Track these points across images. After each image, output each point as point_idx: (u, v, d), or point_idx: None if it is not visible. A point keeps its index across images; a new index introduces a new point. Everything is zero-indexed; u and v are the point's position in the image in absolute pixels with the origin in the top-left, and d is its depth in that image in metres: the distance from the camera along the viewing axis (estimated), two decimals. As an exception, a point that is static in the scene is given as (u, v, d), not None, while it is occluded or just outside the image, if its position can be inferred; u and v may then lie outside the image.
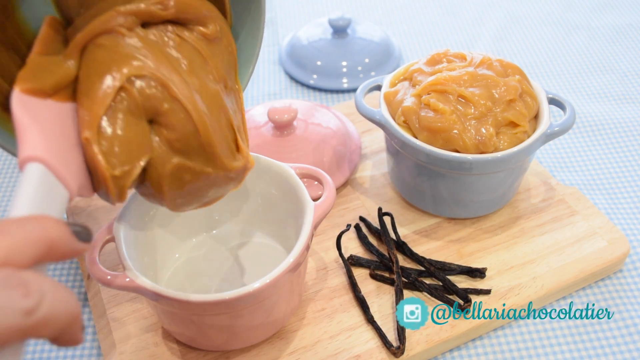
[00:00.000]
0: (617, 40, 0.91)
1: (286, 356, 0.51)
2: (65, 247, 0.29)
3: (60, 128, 0.37)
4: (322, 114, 0.69)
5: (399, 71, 0.63)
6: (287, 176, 0.53)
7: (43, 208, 0.32)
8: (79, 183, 0.37)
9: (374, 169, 0.68)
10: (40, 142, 0.34)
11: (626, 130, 0.75)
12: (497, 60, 0.60)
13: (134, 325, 0.53)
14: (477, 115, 0.55)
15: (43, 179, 0.33)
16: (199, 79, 0.44)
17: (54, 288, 0.27)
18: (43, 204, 0.32)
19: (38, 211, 0.31)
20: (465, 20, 0.96)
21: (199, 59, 0.44)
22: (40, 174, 0.33)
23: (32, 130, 0.34)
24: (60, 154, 0.35)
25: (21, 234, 0.27)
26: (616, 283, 0.58)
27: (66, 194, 0.35)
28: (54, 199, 0.33)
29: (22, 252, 0.27)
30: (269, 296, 0.46)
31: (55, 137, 0.36)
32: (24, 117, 0.35)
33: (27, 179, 0.32)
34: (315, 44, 0.86)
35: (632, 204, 0.66)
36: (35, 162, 0.33)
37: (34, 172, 0.33)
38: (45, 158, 0.33)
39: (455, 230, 0.61)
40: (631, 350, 0.53)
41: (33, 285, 0.26)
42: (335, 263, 0.58)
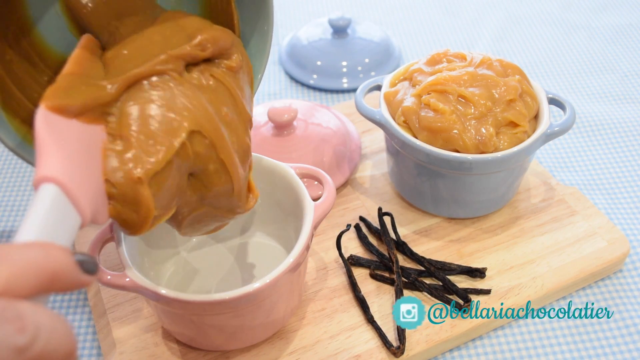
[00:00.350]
0: (617, 40, 0.91)
1: (286, 356, 0.51)
2: (68, 279, 0.28)
3: (81, 150, 0.36)
4: (322, 114, 0.69)
5: (399, 71, 0.63)
6: (287, 176, 0.53)
7: (52, 234, 0.30)
8: (93, 209, 0.35)
9: (374, 169, 0.68)
10: (59, 163, 0.33)
11: (626, 130, 0.75)
12: (497, 60, 0.60)
13: (134, 325, 0.53)
14: (477, 115, 0.55)
15: (56, 202, 0.32)
16: (237, 134, 0.46)
17: (51, 322, 0.26)
18: (52, 229, 0.30)
19: (46, 237, 0.30)
20: (465, 20, 0.96)
21: (231, 100, 0.46)
22: (54, 197, 0.32)
23: (52, 150, 0.33)
24: (78, 177, 0.34)
25: (23, 262, 0.26)
26: (616, 283, 0.58)
27: (78, 220, 0.33)
28: (65, 225, 0.32)
29: (23, 282, 0.26)
30: (269, 296, 0.46)
31: (75, 159, 0.35)
32: (45, 134, 0.34)
33: (40, 201, 0.31)
34: (315, 44, 0.86)
35: (632, 204, 0.66)
36: (50, 183, 0.32)
37: (47, 194, 0.32)
38: (61, 180, 0.32)
39: (455, 230, 0.61)
40: (631, 350, 0.53)
41: (29, 318, 0.25)
42: (335, 263, 0.58)
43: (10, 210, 0.67)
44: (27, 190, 0.70)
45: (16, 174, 0.72)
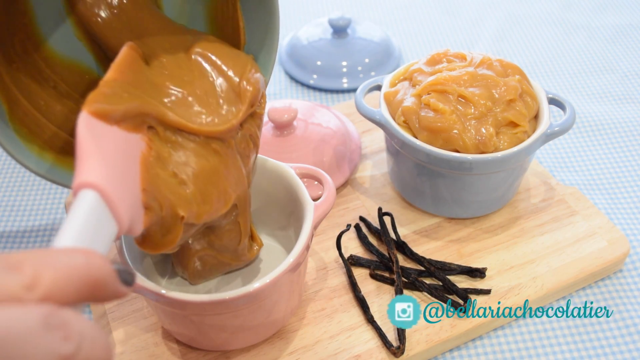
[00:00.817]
0: (617, 40, 0.91)
1: (286, 356, 0.51)
2: (108, 290, 0.27)
3: (121, 158, 0.36)
4: (322, 114, 0.69)
5: (399, 71, 0.63)
6: (287, 176, 0.53)
7: (90, 241, 0.30)
8: (130, 219, 0.35)
9: (374, 169, 0.68)
10: (100, 169, 0.32)
11: (626, 130, 0.75)
12: (497, 60, 0.60)
13: (134, 325, 0.53)
14: (477, 115, 0.55)
15: (95, 209, 0.31)
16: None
17: (92, 332, 0.25)
18: (91, 236, 0.30)
19: (85, 243, 0.29)
20: (465, 20, 0.96)
21: (253, 157, 0.49)
22: (94, 203, 0.31)
23: (93, 155, 0.33)
24: (118, 185, 0.33)
25: (67, 269, 0.25)
26: (616, 283, 0.58)
27: (115, 229, 0.33)
28: (103, 233, 0.31)
29: (66, 289, 0.25)
30: (269, 296, 0.46)
31: (114, 166, 0.34)
32: (87, 139, 0.33)
33: (79, 206, 0.30)
34: (315, 44, 0.86)
35: (632, 204, 0.66)
36: (90, 189, 0.31)
37: (87, 200, 0.31)
38: (101, 186, 0.32)
39: (455, 230, 0.61)
40: (631, 350, 0.53)
41: (74, 327, 0.24)
42: (335, 263, 0.58)
43: (10, 210, 0.67)
44: (27, 190, 0.70)
45: (16, 174, 0.72)
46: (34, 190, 0.69)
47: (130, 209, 0.35)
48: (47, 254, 0.25)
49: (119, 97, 0.38)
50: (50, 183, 0.70)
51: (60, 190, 0.69)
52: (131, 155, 0.38)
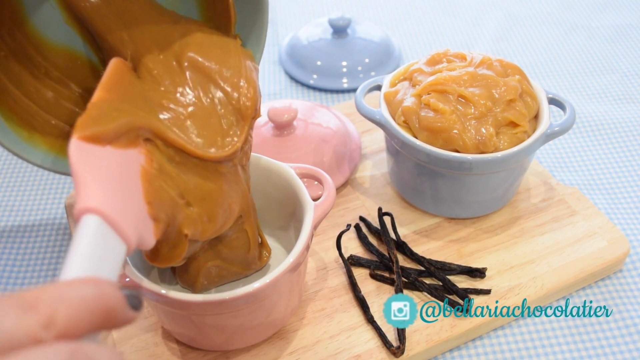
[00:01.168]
0: (617, 40, 0.91)
1: (286, 356, 0.51)
2: (119, 317, 0.27)
3: (119, 176, 0.36)
4: (322, 114, 0.69)
5: (399, 71, 0.63)
6: (287, 176, 0.53)
7: (99, 266, 0.30)
8: (138, 234, 0.35)
9: (374, 169, 0.68)
10: (98, 193, 0.32)
11: (626, 130, 0.75)
12: (497, 60, 0.60)
13: (134, 325, 0.53)
14: (477, 115, 0.55)
15: (99, 233, 0.31)
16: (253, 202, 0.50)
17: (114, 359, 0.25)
18: (99, 261, 0.30)
19: (94, 270, 0.29)
20: (465, 20, 0.96)
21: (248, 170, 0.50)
22: (97, 227, 0.31)
23: (89, 180, 0.33)
24: (119, 204, 0.34)
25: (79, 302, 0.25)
26: (616, 283, 0.58)
27: (124, 248, 0.33)
28: (111, 255, 0.32)
29: (80, 322, 0.25)
30: (269, 296, 0.46)
31: (114, 186, 0.34)
32: (80, 166, 0.33)
33: (83, 233, 0.31)
34: (315, 44, 0.86)
35: (632, 204, 0.66)
36: (91, 214, 0.31)
37: (90, 225, 0.31)
38: (102, 210, 0.32)
39: (455, 230, 0.61)
40: (631, 350, 0.53)
41: (98, 358, 0.24)
42: (335, 263, 0.58)
43: (10, 210, 0.67)
44: (27, 190, 0.70)
45: (16, 174, 0.72)
46: (34, 190, 0.69)
47: (136, 224, 0.35)
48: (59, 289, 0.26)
49: (107, 117, 0.37)
50: (49, 182, 0.70)
51: (61, 189, 0.69)
52: (130, 172, 0.37)
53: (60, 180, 0.71)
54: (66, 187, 0.70)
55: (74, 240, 0.30)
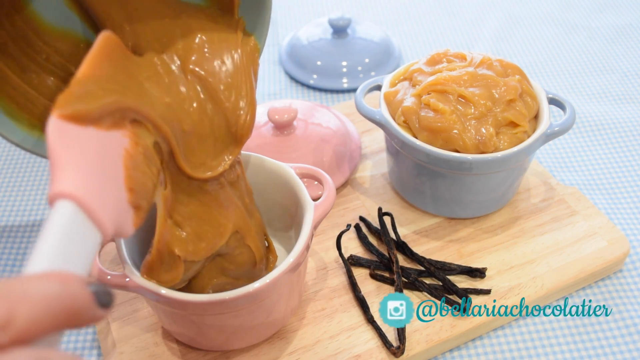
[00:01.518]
0: (617, 40, 0.91)
1: (286, 356, 0.51)
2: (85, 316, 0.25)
3: (100, 160, 0.33)
4: (322, 114, 0.69)
5: (399, 71, 0.63)
6: (287, 176, 0.53)
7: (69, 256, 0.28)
8: (116, 223, 0.33)
9: (374, 169, 0.68)
10: (74, 177, 0.30)
11: (626, 130, 0.75)
12: (497, 60, 0.60)
13: (134, 325, 0.53)
14: (477, 115, 0.55)
15: (72, 220, 0.29)
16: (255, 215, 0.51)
17: None
18: (70, 251, 0.28)
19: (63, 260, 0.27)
20: (465, 20, 0.96)
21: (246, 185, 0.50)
22: (71, 214, 0.29)
23: (66, 163, 0.30)
24: (97, 190, 0.31)
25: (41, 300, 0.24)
26: (616, 283, 0.58)
27: (99, 237, 0.31)
28: (84, 244, 0.30)
29: (41, 323, 0.24)
30: (269, 296, 0.46)
31: (93, 170, 0.32)
32: (57, 146, 0.31)
33: (54, 220, 0.28)
34: (315, 44, 0.86)
35: (632, 204, 0.66)
36: (65, 200, 0.29)
37: (63, 212, 0.29)
38: (77, 195, 0.29)
39: (455, 230, 0.61)
40: (631, 350, 0.53)
41: None
42: (335, 263, 0.58)
43: (10, 210, 0.67)
44: (27, 190, 0.70)
45: (16, 173, 0.72)
46: (34, 190, 0.69)
47: (114, 212, 0.33)
48: (19, 285, 0.24)
49: (92, 95, 0.34)
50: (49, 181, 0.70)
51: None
52: (112, 156, 0.35)
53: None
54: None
55: (44, 228, 0.28)
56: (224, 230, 0.46)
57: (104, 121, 0.34)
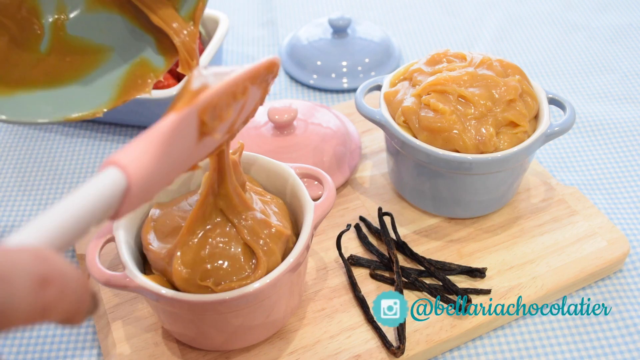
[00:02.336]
0: (617, 40, 0.91)
1: (286, 356, 0.51)
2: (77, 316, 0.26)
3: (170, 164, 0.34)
4: (322, 114, 0.69)
5: (399, 71, 0.63)
6: (287, 176, 0.53)
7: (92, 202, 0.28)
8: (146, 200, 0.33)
9: (374, 169, 0.68)
10: (144, 164, 0.30)
11: (626, 130, 0.75)
12: (497, 60, 0.60)
13: (134, 325, 0.53)
14: (477, 115, 0.55)
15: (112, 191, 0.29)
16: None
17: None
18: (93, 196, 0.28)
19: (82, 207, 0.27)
20: (465, 20, 0.96)
21: None
22: (114, 179, 0.29)
23: (144, 149, 0.31)
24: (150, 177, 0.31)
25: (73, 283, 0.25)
26: (616, 283, 0.58)
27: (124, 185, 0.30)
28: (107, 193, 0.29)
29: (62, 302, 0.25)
30: (269, 296, 0.46)
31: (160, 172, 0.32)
32: (162, 139, 0.31)
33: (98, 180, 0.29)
34: (315, 44, 0.86)
35: (632, 204, 0.66)
36: (116, 169, 0.29)
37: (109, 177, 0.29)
38: (133, 182, 0.29)
39: (455, 230, 0.61)
40: (631, 350, 0.53)
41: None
42: (335, 263, 0.58)
43: (11, 210, 0.67)
44: (26, 189, 0.70)
45: (16, 173, 0.72)
46: (35, 190, 0.70)
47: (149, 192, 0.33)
48: (52, 256, 0.25)
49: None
50: (50, 181, 0.70)
51: (62, 188, 0.69)
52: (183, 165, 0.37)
53: (61, 179, 0.71)
54: (67, 187, 0.70)
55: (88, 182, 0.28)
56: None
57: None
